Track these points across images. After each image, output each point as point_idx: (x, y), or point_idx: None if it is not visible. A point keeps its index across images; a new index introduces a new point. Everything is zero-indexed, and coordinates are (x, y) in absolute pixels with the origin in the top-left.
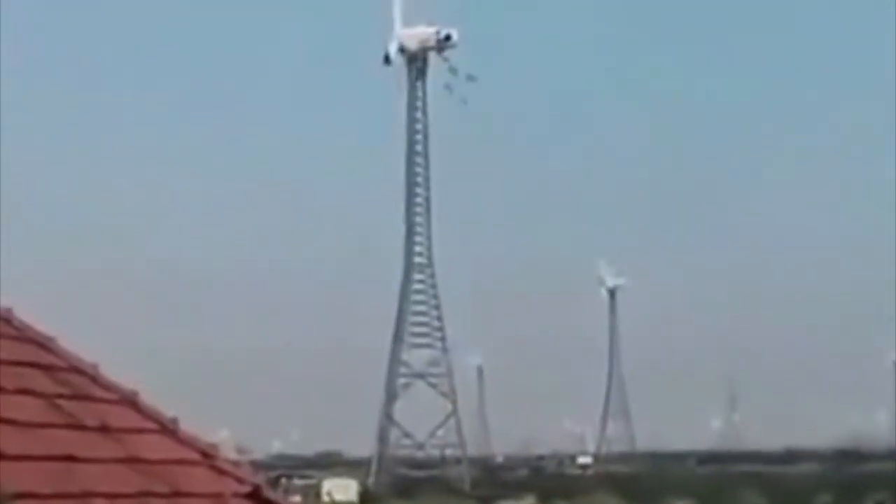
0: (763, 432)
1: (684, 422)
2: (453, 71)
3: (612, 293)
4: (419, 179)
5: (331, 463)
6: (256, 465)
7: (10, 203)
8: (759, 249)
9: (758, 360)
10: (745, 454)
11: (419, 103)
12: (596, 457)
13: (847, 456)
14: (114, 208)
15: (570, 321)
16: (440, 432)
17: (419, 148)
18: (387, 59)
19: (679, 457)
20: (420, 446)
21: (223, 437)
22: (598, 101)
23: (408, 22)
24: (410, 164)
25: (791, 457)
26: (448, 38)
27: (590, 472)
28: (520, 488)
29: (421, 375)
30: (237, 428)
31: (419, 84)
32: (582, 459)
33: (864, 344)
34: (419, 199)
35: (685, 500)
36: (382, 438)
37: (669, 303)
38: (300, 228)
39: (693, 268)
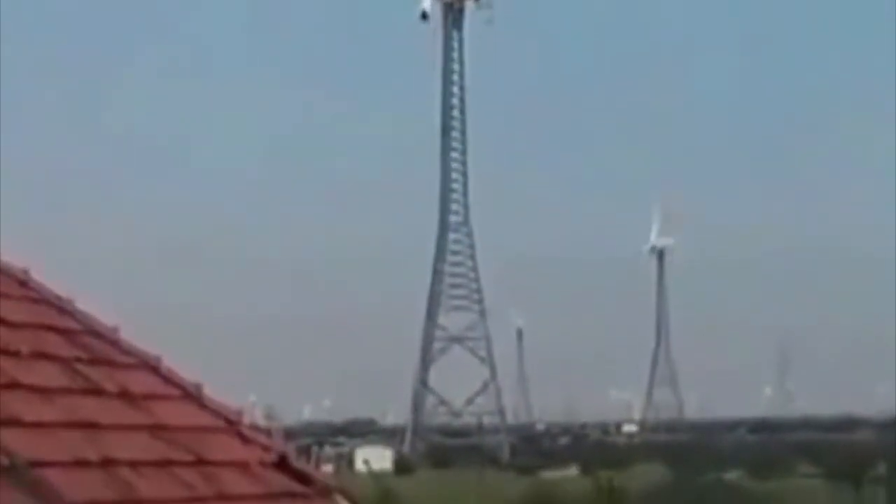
0: (817, 400)
1: (735, 389)
2: (489, 22)
3: (660, 254)
4: (455, 134)
5: (364, 431)
6: (286, 433)
7: (24, 164)
8: (820, 210)
9: (812, 326)
10: (798, 422)
11: (455, 54)
12: (642, 425)
13: None
14: (137, 160)
15: (616, 284)
16: (478, 399)
17: (455, 101)
18: (424, 16)
19: (729, 425)
20: (457, 414)
21: (251, 403)
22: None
23: None
24: (446, 117)
25: (846, 424)
26: None
27: (635, 440)
28: (562, 458)
29: (458, 339)
30: (267, 394)
31: (455, 34)
32: (627, 428)
33: None
34: (455, 155)
35: (735, 469)
36: (417, 406)
37: (720, 266)
38: (334, 191)
39: (746, 229)
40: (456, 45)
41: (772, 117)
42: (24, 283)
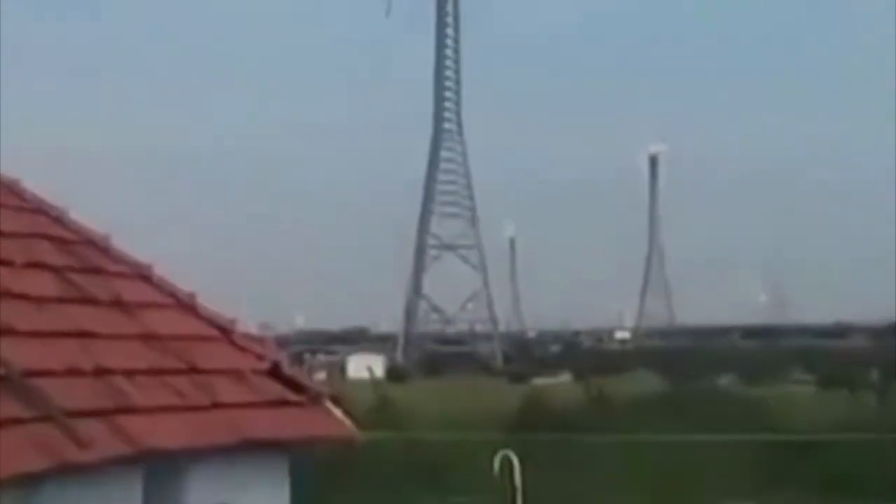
0: (811, 306)
1: (728, 296)
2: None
3: (653, 161)
4: (449, 41)
5: (357, 338)
6: (279, 341)
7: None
8: (812, 119)
9: (806, 233)
10: (792, 328)
11: None
12: (634, 332)
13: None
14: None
15: (608, 191)
16: (470, 306)
17: (449, 16)
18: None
19: (722, 331)
20: (449, 321)
21: (244, 311)
22: None
23: None
24: (441, 24)
25: (840, 331)
26: None
27: (628, 347)
28: (554, 365)
29: (450, 247)
30: (261, 302)
31: None
32: (620, 335)
33: None
34: (449, 63)
35: (727, 375)
36: (410, 313)
37: (714, 172)
38: (329, 88)
39: (739, 135)
40: None
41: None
42: (15, 192)
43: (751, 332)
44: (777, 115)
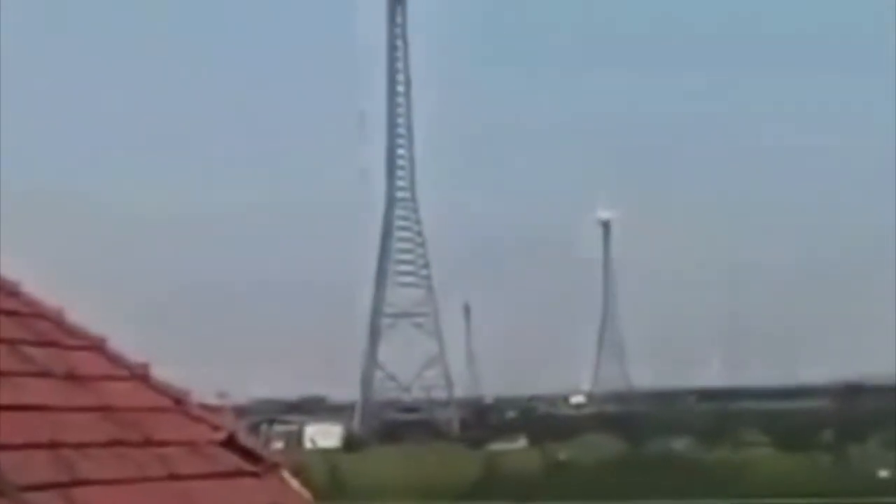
0: (765, 369)
1: (682, 359)
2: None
3: (605, 226)
4: (401, 110)
5: (314, 407)
6: (237, 411)
7: None
8: (760, 181)
9: (760, 295)
10: (747, 390)
11: (399, 32)
12: (590, 396)
13: (851, 391)
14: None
15: (562, 256)
16: (426, 373)
17: (400, 77)
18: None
19: (677, 395)
20: (406, 389)
21: (202, 381)
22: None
23: None
24: (392, 94)
25: (794, 393)
26: None
27: (584, 411)
28: (511, 430)
29: (406, 315)
30: (218, 372)
31: (399, 9)
32: (575, 399)
33: (867, 280)
34: (401, 131)
35: (684, 438)
36: (367, 381)
37: (666, 237)
38: (277, 163)
39: (690, 201)
40: (400, 21)
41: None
42: None
43: (706, 395)
44: (732, 175)
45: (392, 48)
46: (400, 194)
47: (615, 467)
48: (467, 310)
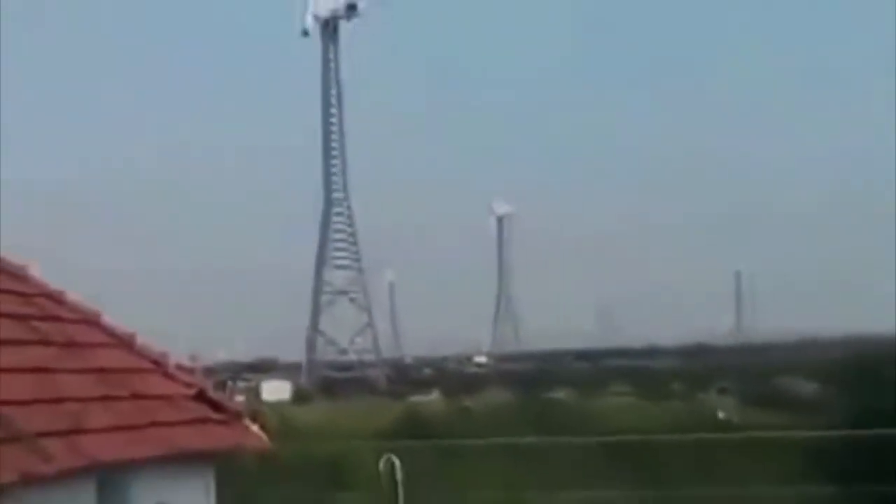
0: (630, 333)
1: (563, 326)
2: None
3: (500, 220)
4: (334, 129)
5: (268, 367)
6: (206, 371)
7: None
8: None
9: (628, 271)
10: (615, 351)
11: (332, 64)
12: (489, 356)
13: (699, 351)
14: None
15: (465, 242)
16: (358, 339)
17: (334, 101)
18: (305, 33)
19: (558, 355)
20: (342, 352)
21: (178, 345)
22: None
23: None
24: (326, 115)
25: (652, 353)
26: (353, 6)
27: (484, 369)
28: (426, 385)
29: (342, 292)
30: (191, 340)
31: (332, 47)
32: (477, 359)
33: (710, 260)
34: (335, 146)
35: (564, 389)
36: (310, 346)
37: (558, 231)
38: (232, 165)
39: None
40: (332, 56)
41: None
42: None
43: (581, 355)
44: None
45: (326, 84)
46: (336, 195)
47: (508, 412)
48: (391, 287)
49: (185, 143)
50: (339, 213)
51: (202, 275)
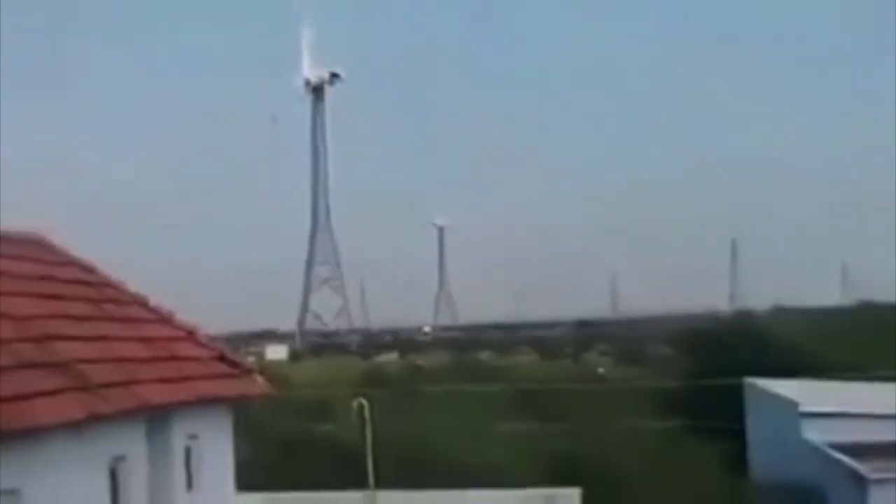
0: (538, 308)
1: (487, 303)
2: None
3: (440, 230)
4: (320, 167)
5: (270, 336)
6: (224, 338)
7: None
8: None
9: (541, 264)
10: (525, 323)
11: (318, 119)
12: (433, 327)
13: (586, 323)
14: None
15: (414, 248)
16: (338, 317)
17: (320, 146)
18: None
19: (483, 327)
20: (325, 324)
21: (204, 322)
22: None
23: (312, 64)
24: (315, 167)
25: (552, 325)
26: (336, 75)
27: (429, 337)
28: (388, 348)
29: (325, 281)
30: (211, 316)
31: (319, 105)
32: (426, 329)
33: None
34: (320, 177)
35: (486, 351)
36: (302, 320)
37: (490, 236)
38: (242, 188)
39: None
40: (319, 117)
41: None
42: (49, 249)
43: (500, 327)
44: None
45: (314, 135)
46: (321, 210)
47: (447, 369)
48: (362, 280)
49: (191, 163)
50: (323, 230)
51: (224, 269)
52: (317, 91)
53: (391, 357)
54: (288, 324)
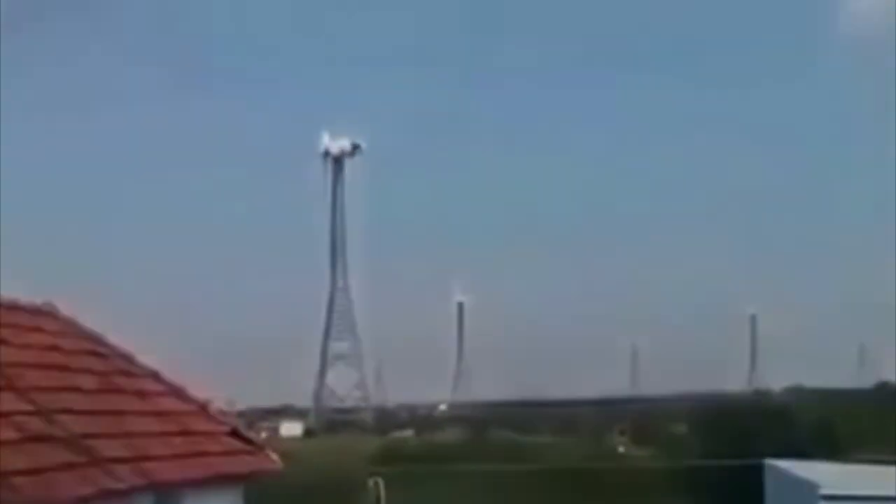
0: (557, 388)
1: (504, 382)
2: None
3: (460, 307)
4: (338, 235)
5: (286, 411)
6: (239, 414)
7: None
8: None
9: (549, 343)
10: (544, 402)
11: (338, 191)
12: (450, 405)
13: (605, 402)
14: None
15: (432, 323)
16: (353, 392)
17: (338, 214)
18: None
19: (501, 405)
20: (341, 400)
21: (218, 396)
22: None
23: (332, 135)
24: (334, 239)
25: (570, 403)
26: (357, 146)
27: (446, 414)
28: (404, 425)
29: (341, 357)
30: (228, 390)
31: (339, 176)
32: (441, 407)
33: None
34: (339, 247)
35: (505, 430)
36: (318, 396)
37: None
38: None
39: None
40: (339, 187)
41: None
42: (57, 318)
43: (517, 404)
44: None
45: (334, 203)
46: (339, 283)
47: (464, 446)
48: (379, 355)
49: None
50: (341, 299)
51: (238, 341)
52: (337, 162)
53: (407, 434)
54: (304, 399)
